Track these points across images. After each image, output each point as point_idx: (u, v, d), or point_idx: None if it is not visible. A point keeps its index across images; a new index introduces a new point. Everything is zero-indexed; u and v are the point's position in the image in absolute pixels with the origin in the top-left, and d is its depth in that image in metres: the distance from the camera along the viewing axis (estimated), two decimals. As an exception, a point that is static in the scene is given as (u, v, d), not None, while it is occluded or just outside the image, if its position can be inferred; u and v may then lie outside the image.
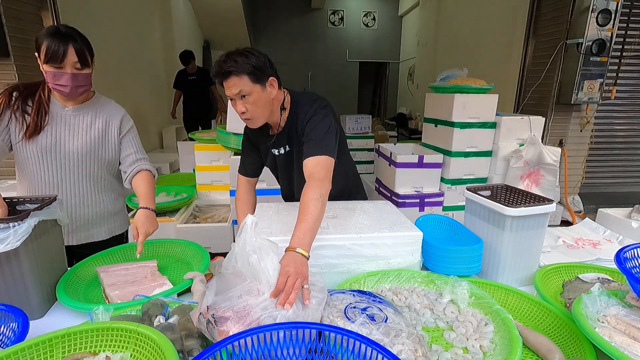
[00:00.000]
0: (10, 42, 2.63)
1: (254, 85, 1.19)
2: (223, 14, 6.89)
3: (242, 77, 1.17)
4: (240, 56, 1.17)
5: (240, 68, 1.16)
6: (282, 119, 1.34)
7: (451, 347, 0.82)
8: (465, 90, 2.76)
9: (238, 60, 1.16)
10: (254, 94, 1.20)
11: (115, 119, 1.43)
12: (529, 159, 2.78)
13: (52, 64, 1.19)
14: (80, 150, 1.35)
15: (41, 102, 1.30)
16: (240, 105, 1.22)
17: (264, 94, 1.22)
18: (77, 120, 1.35)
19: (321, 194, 1.09)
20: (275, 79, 1.24)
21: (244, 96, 1.20)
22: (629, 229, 1.50)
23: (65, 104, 1.34)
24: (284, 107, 1.33)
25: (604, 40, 3.06)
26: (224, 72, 1.17)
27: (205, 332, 0.75)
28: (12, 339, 0.78)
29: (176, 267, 1.24)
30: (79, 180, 1.39)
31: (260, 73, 1.19)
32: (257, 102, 1.22)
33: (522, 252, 1.11)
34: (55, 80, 1.22)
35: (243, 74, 1.17)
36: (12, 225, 0.89)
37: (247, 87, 1.18)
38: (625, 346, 0.71)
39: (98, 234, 1.47)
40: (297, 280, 0.85)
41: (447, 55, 5.97)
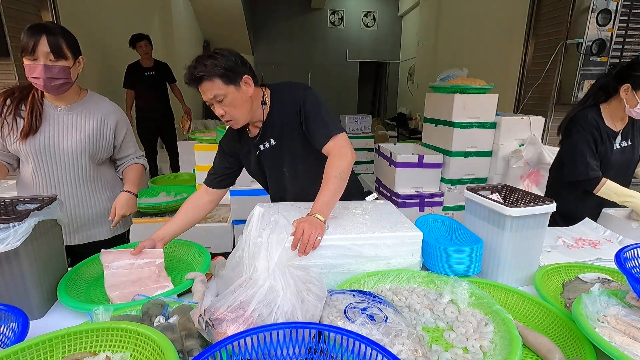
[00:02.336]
0: (10, 42, 2.64)
1: (227, 87, 1.18)
2: (223, 14, 6.89)
3: (214, 81, 1.16)
4: (209, 59, 1.15)
5: (211, 72, 1.15)
6: (264, 114, 1.33)
7: (451, 347, 0.82)
8: (465, 90, 2.76)
9: (207, 64, 1.15)
10: (229, 95, 1.18)
11: (111, 118, 1.44)
12: (529, 159, 2.78)
13: (26, 55, 1.19)
14: (75, 150, 1.35)
15: (34, 103, 1.30)
16: (218, 108, 1.21)
17: (239, 94, 1.21)
18: (70, 119, 1.35)
19: (341, 171, 1.17)
20: (250, 76, 1.23)
21: (220, 100, 1.18)
22: (629, 229, 1.50)
23: (57, 104, 1.34)
24: (264, 102, 1.32)
25: (604, 40, 3.05)
26: (196, 78, 1.16)
27: (204, 333, 0.75)
28: (12, 339, 0.78)
29: (177, 267, 1.24)
30: (76, 180, 1.39)
31: (232, 73, 1.18)
32: (233, 103, 1.20)
33: (522, 252, 1.11)
34: (30, 73, 1.22)
35: (214, 77, 1.15)
36: (12, 225, 0.89)
37: (221, 89, 1.17)
38: (625, 346, 0.71)
39: (99, 234, 1.48)
40: (312, 233, 0.99)
41: (447, 55, 5.97)
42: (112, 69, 4.60)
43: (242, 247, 0.85)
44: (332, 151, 1.24)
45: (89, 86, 1.50)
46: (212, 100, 1.19)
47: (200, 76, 1.15)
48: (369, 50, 9.08)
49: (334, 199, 1.15)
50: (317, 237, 1.00)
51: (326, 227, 1.08)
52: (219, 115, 1.23)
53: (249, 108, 1.27)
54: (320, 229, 1.03)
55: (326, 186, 1.16)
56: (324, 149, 1.26)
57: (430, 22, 6.66)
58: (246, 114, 1.26)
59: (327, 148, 1.25)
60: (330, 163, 1.21)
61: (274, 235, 0.81)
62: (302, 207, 1.28)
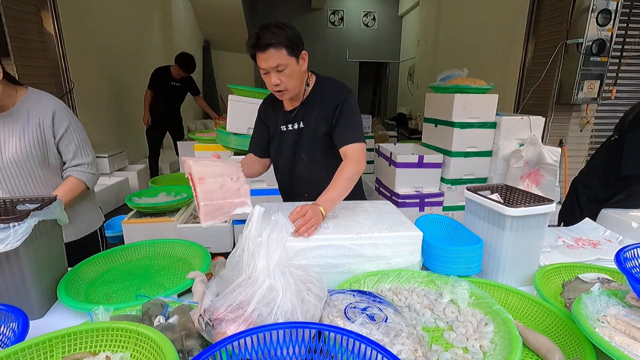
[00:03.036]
0: (10, 42, 2.64)
1: (290, 58, 1.23)
2: (223, 14, 6.89)
3: (280, 50, 1.20)
4: (278, 29, 1.19)
5: (279, 40, 1.19)
6: (305, 95, 1.40)
7: (451, 347, 0.82)
8: (465, 90, 2.76)
9: (276, 33, 1.19)
10: (289, 66, 1.24)
11: (47, 117, 1.29)
12: (529, 159, 2.78)
13: None
14: (19, 159, 1.26)
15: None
16: (274, 77, 1.25)
17: (297, 67, 1.27)
18: (8, 129, 1.25)
19: (353, 174, 1.26)
20: (307, 53, 1.30)
21: (280, 70, 1.23)
22: (629, 229, 1.50)
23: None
24: (307, 84, 1.39)
25: (604, 40, 3.05)
26: (263, 45, 1.19)
27: (204, 333, 0.75)
28: (12, 339, 0.78)
29: (177, 267, 1.24)
30: (30, 188, 1.31)
31: (296, 46, 1.24)
32: (292, 75, 1.26)
33: (522, 252, 1.11)
34: None
35: (281, 46, 1.20)
36: (12, 225, 0.89)
37: (285, 60, 1.22)
38: (625, 346, 0.71)
39: (66, 236, 1.38)
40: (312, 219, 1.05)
41: (447, 55, 5.97)
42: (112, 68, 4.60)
43: (242, 247, 0.85)
44: (350, 154, 1.31)
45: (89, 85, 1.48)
46: (272, 69, 1.23)
47: (270, 43, 1.18)
48: (369, 50, 9.08)
49: (339, 197, 1.22)
50: (314, 225, 1.06)
51: (326, 227, 1.09)
52: (273, 84, 1.26)
53: (301, 82, 1.34)
54: (319, 220, 1.09)
55: (336, 184, 1.23)
56: (342, 149, 1.34)
57: (430, 22, 6.66)
58: (298, 87, 1.33)
59: (346, 150, 1.33)
60: (346, 165, 1.28)
61: (273, 234, 0.81)
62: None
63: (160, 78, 4.22)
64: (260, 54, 1.22)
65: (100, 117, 4.31)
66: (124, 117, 4.87)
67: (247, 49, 1.24)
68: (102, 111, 4.40)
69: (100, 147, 3.96)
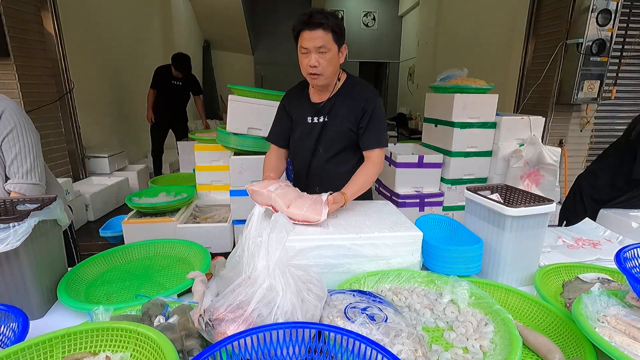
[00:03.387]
0: (10, 42, 2.64)
1: (333, 45, 1.31)
2: (223, 14, 6.89)
3: (327, 33, 1.28)
4: (329, 15, 1.29)
5: (330, 24, 1.27)
6: (334, 89, 1.45)
7: (451, 347, 0.82)
8: (465, 90, 2.76)
9: (328, 17, 1.28)
10: (331, 51, 1.31)
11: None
12: (529, 159, 2.78)
13: None
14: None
15: None
16: (314, 58, 1.30)
17: (337, 56, 1.35)
18: None
19: (372, 177, 1.39)
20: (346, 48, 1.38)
21: (323, 52, 1.30)
22: (629, 229, 1.50)
23: None
24: (338, 79, 1.45)
25: (604, 40, 3.05)
26: (315, 23, 1.26)
27: (204, 333, 0.75)
28: (12, 339, 0.78)
29: (177, 267, 1.24)
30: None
31: (341, 36, 1.33)
32: (331, 61, 1.32)
33: (522, 252, 1.11)
34: None
35: (329, 30, 1.28)
36: (12, 225, 0.89)
37: (329, 43, 1.29)
38: (625, 346, 0.71)
39: None
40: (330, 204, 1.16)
41: (447, 55, 5.97)
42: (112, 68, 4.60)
43: (242, 247, 0.85)
44: (372, 158, 1.42)
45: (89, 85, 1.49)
46: (315, 49, 1.29)
47: (321, 23, 1.26)
48: (369, 50, 9.08)
49: (360, 191, 1.35)
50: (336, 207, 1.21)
51: (326, 227, 1.10)
52: (311, 65, 1.31)
53: (335, 72, 1.40)
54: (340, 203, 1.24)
55: (357, 180, 1.36)
56: (368, 152, 1.43)
57: (430, 22, 6.66)
58: (331, 76, 1.39)
59: (371, 153, 1.42)
60: (367, 167, 1.40)
61: (273, 234, 0.81)
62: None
63: (162, 77, 4.23)
64: (308, 32, 1.28)
65: (100, 117, 4.31)
66: (124, 117, 4.87)
67: (294, 26, 1.32)
68: (102, 111, 4.40)
69: (100, 147, 3.96)
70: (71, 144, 3.43)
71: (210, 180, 3.01)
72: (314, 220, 1.12)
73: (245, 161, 2.57)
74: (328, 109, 1.46)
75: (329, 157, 1.50)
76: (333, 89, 1.45)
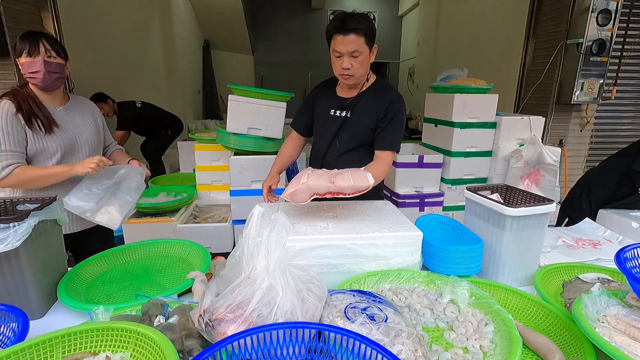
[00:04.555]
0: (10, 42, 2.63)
1: (365, 47, 1.34)
2: (223, 14, 6.89)
3: (360, 37, 1.31)
4: (362, 17, 1.32)
5: (362, 28, 1.30)
6: (362, 87, 1.49)
7: (451, 347, 0.82)
8: (465, 90, 2.76)
9: (361, 21, 1.31)
10: (363, 54, 1.35)
11: (96, 112, 1.63)
12: (529, 159, 2.78)
13: (23, 55, 1.33)
14: (92, 143, 1.55)
15: (38, 104, 1.41)
16: (347, 61, 1.35)
17: (368, 58, 1.39)
18: (74, 118, 1.51)
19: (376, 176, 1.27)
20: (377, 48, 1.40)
21: (355, 55, 1.33)
22: (629, 229, 1.50)
23: (53, 104, 1.46)
24: (367, 79, 1.49)
25: (604, 40, 3.05)
26: (348, 28, 1.30)
27: (204, 333, 0.75)
28: (12, 339, 0.78)
29: (177, 267, 1.24)
30: None
31: (373, 38, 1.36)
32: (363, 62, 1.37)
33: (522, 252, 1.11)
34: (29, 69, 1.35)
35: (362, 34, 1.31)
36: (12, 225, 0.89)
37: (362, 47, 1.33)
38: (625, 346, 0.71)
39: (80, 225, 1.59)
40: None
41: (447, 55, 5.97)
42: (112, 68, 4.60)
43: (241, 247, 0.85)
44: (383, 158, 1.43)
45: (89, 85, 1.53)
46: (347, 53, 1.33)
47: (354, 28, 1.29)
48: (369, 50, 9.07)
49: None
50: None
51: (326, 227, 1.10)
52: (344, 67, 1.36)
53: (366, 72, 1.44)
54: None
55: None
56: (379, 152, 1.45)
57: (430, 22, 6.66)
58: (363, 76, 1.43)
59: (381, 154, 1.44)
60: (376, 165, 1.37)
61: (273, 234, 0.81)
62: (302, 207, 1.29)
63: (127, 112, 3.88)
64: (341, 36, 1.31)
65: (100, 117, 4.30)
66: (124, 117, 4.86)
67: (328, 30, 1.36)
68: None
69: (100, 147, 3.95)
70: (71, 144, 3.42)
71: (210, 180, 3.00)
72: (365, 187, 1.14)
73: (245, 161, 2.57)
74: (353, 105, 1.49)
75: (344, 151, 1.54)
76: (361, 88, 1.49)
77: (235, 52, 8.37)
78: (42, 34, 1.36)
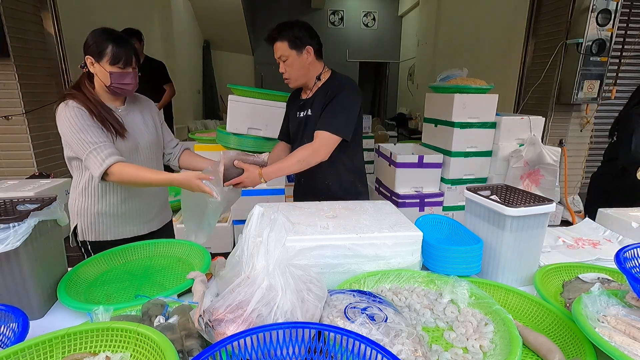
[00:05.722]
0: (10, 42, 2.64)
1: (290, 51, 1.48)
2: (223, 14, 6.89)
3: (283, 43, 1.47)
4: (286, 26, 1.47)
5: (283, 35, 1.47)
6: (315, 86, 1.59)
7: (451, 347, 0.82)
8: (465, 90, 2.76)
9: (282, 29, 1.47)
10: (290, 57, 1.49)
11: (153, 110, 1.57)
12: (529, 159, 2.78)
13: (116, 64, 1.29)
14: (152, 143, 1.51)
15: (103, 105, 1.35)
16: (281, 66, 1.52)
17: (298, 59, 1.50)
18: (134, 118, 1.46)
19: (305, 158, 1.44)
20: (312, 48, 1.50)
21: (283, 60, 1.50)
22: (629, 229, 1.50)
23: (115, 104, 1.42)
24: (319, 78, 1.59)
25: (604, 40, 3.06)
26: (271, 38, 1.49)
27: (204, 333, 0.75)
28: (12, 339, 0.78)
29: (177, 267, 1.24)
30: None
31: (298, 41, 1.47)
32: (292, 65, 1.50)
33: (522, 252, 1.11)
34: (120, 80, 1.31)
35: (284, 40, 1.47)
36: (12, 225, 0.89)
37: (286, 52, 1.48)
38: (625, 346, 0.71)
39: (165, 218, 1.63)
40: (244, 181, 1.37)
41: (447, 55, 5.97)
42: (112, 69, 4.57)
43: (241, 247, 0.85)
44: (316, 141, 1.46)
45: None
46: (278, 59, 1.51)
47: (274, 37, 1.48)
48: (369, 50, 9.08)
49: (282, 172, 1.45)
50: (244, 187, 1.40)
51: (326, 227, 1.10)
52: (281, 72, 1.53)
53: (304, 73, 1.54)
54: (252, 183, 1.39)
55: (288, 161, 1.45)
56: (315, 132, 1.48)
57: (430, 22, 6.66)
58: (300, 76, 1.54)
59: (316, 135, 1.47)
60: (303, 149, 1.46)
61: (273, 233, 0.81)
62: (302, 207, 1.29)
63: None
64: (274, 47, 1.50)
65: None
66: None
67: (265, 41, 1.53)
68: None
69: (100, 147, 3.94)
70: (71, 144, 3.42)
71: (210, 180, 3.00)
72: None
73: (245, 161, 2.57)
74: (310, 103, 1.59)
75: None
76: (313, 87, 1.59)
77: (235, 52, 8.37)
78: (127, 40, 1.30)
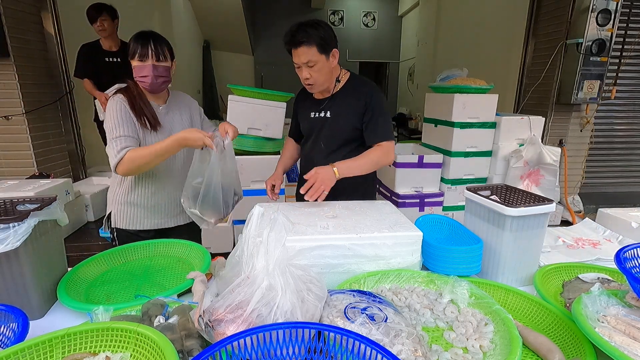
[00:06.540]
0: (10, 42, 2.64)
1: (320, 55, 1.36)
2: (223, 14, 6.88)
3: (311, 47, 1.33)
4: (311, 27, 1.33)
5: (311, 39, 1.32)
6: (334, 89, 1.52)
7: (451, 347, 0.82)
8: (465, 90, 2.76)
9: (309, 32, 1.32)
10: (319, 63, 1.37)
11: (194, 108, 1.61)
12: (529, 159, 2.78)
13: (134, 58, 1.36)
14: None
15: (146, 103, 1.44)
16: (305, 72, 1.39)
17: (327, 64, 1.40)
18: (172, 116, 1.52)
19: (379, 159, 1.44)
20: (338, 51, 1.42)
21: (311, 65, 1.37)
22: (629, 229, 1.50)
23: (157, 102, 1.49)
24: (338, 80, 1.51)
25: (604, 40, 3.06)
26: (297, 42, 1.33)
27: (204, 334, 0.75)
28: (12, 339, 0.78)
29: (177, 267, 1.24)
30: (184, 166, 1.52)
31: (327, 45, 1.36)
32: (321, 71, 1.39)
33: (522, 252, 1.11)
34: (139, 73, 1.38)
35: (312, 44, 1.33)
36: (12, 225, 0.89)
37: (315, 57, 1.35)
38: (625, 346, 0.71)
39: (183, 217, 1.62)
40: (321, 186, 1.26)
41: (447, 55, 5.97)
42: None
43: (241, 247, 0.85)
44: (382, 148, 1.45)
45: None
46: (303, 64, 1.37)
47: (301, 41, 1.32)
48: (369, 50, 9.07)
49: (357, 170, 1.39)
50: (324, 190, 1.27)
51: (326, 227, 1.09)
52: (304, 78, 1.42)
53: (330, 78, 1.46)
54: (330, 184, 1.28)
55: (361, 158, 1.40)
56: (376, 144, 1.47)
57: (430, 22, 6.66)
58: (327, 81, 1.46)
59: (379, 146, 1.46)
60: (376, 150, 1.44)
61: (273, 233, 0.81)
62: (302, 207, 1.29)
63: (89, 55, 3.05)
64: (293, 50, 1.36)
65: (100, 117, 4.30)
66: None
67: (284, 43, 1.39)
68: (102, 111, 4.40)
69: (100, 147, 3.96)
70: (71, 144, 3.43)
71: (210, 180, 3.00)
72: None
73: (245, 161, 2.57)
74: (329, 105, 1.53)
75: (329, 152, 1.55)
76: (333, 89, 1.52)
77: (235, 52, 8.37)
78: (152, 35, 1.37)
